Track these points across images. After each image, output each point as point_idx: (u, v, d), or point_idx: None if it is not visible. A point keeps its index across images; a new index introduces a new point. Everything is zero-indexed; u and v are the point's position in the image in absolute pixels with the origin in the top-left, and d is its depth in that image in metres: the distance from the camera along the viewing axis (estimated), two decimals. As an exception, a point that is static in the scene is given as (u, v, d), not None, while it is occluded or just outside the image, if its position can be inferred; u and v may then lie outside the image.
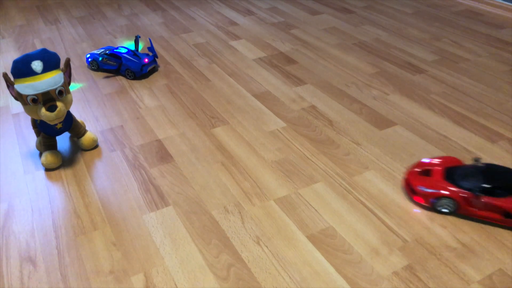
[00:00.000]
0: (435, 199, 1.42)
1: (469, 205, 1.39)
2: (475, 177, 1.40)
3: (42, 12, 3.31)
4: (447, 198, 1.40)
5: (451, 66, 2.40)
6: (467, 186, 1.39)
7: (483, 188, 1.37)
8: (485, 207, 1.38)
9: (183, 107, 2.06)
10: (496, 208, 1.36)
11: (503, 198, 1.35)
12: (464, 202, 1.39)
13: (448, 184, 1.42)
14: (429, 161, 1.55)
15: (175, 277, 1.25)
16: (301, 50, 2.61)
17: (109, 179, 1.62)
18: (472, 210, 1.39)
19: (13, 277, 1.26)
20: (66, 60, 1.60)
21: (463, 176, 1.42)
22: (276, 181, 1.60)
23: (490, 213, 1.38)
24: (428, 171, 1.51)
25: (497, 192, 1.36)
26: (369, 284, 1.22)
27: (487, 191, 1.37)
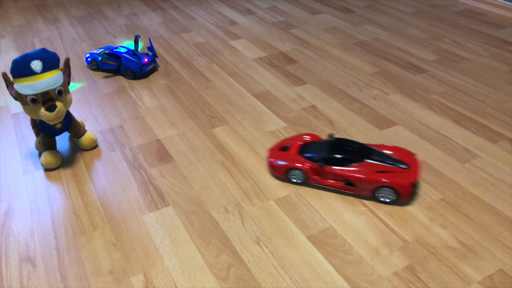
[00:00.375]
0: (288, 171, 1.54)
1: (316, 175, 1.52)
2: (322, 150, 1.53)
3: (41, 11, 3.31)
4: (297, 170, 1.52)
5: (451, 66, 2.40)
6: (313, 157, 1.52)
7: (325, 159, 1.50)
8: (329, 176, 1.50)
9: (183, 107, 2.06)
10: (339, 176, 1.49)
11: (344, 167, 1.48)
12: (311, 173, 1.52)
13: (298, 157, 1.55)
14: (293, 138, 1.68)
15: (175, 278, 1.24)
16: (301, 50, 2.61)
17: (108, 179, 1.62)
18: (319, 179, 1.52)
19: (13, 277, 1.25)
20: (65, 60, 1.60)
21: (313, 150, 1.55)
22: (276, 181, 1.59)
23: (334, 182, 1.51)
24: (287, 147, 1.62)
25: (339, 162, 1.49)
26: (369, 284, 1.22)
27: (330, 161, 1.49)
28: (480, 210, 1.46)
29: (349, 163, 1.48)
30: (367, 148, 1.53)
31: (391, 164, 1.47)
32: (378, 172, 1.45)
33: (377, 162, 1.48)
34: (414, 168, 1.48)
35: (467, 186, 1.56)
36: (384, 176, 1.43)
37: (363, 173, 1.45)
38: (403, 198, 1.45)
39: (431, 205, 1.48)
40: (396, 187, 1.42)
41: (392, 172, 1.45)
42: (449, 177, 1.60)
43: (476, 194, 1.53)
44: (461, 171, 1.63)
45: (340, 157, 1.48)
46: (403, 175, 1.44)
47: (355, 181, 1.46)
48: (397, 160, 1.50)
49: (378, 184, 1.44)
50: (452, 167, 1.65)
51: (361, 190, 1.48)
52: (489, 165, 1.66)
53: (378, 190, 1.45)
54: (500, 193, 1.53)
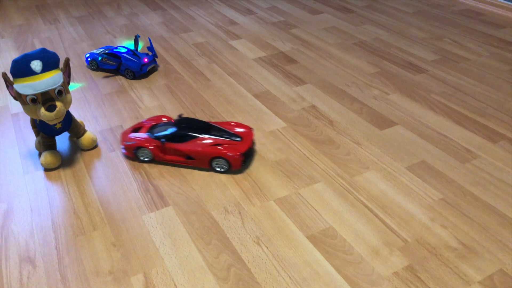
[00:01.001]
0: (135, 150, 1.66)
1: (161, 152, 1.65)
2: (166, 129, 1.65)
3: (41, 11, 3.31)
4: (143, 148, 1.65)
5: (451, 66, 2.40)
6: (157, 136, 1.64)
7: (167, 136, 1.63)
8: (172, 153, 1.64)
9: (183, 107, 2.06)
10: (179, 152, 1.63)
11: (183, 143, 1.62)
12: (156, 150, 1.64)
13: (145, 136, 1.66)
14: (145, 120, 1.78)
15: (175, 278, 1.24)
16: (301, 50, 2.61)
17: (108, 179, 1.62)
18: (163, 156, 1.65)
19: (13, 278, 1.25)
20: (65, 60, 1.59)
21: (159, 129, 1.67)
22: (276, 181, 1.59)
23: (176, 157, 1.64)
24: (139, 129, 1.73)
25: (179, 139, 1.62)
26: (369, 284, 1.22)
27: (173, 139, 1.63)
28: (480, 210, 1.46)
29: (188, 139, 1.62)
30: (206, 125, 1.67)
31: (226, 138, 1.63)
32: (213, 145, 1.61)
33: (214, 137, 1.63)
34: (246, 140, 1.65)
35: (467, 186, 1.56)
36: (217, 148, 1.60)
37: (200, 146, 1.61)
38: (235, 167, 1.61)
39: (431, 205, 1.48)
40: (227, 157, 1.58)
41: (226, 145, 1.61)
42: (449, 177, 1.60)
43: (476, 194, 1.53)
44: (461, 171, 1.63)
45: (179, 134, 1.63)
46: (235, 147, 1.61)
47: (193, 155, 1.61)
48: (233, 134, 1.66)
49: (212, 156, 1.60)
50: (452, 167, 1.65)
51: (199, 162, 1.63)
52: (489, 165, 1.66)
53: (213, 161, 1.61)
54: (500, 193, 1.53)
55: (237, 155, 1.58)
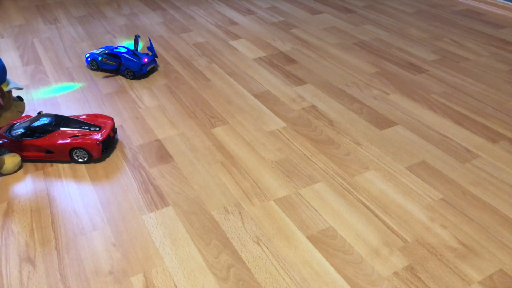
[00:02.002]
0: None
1: (20, 149, 1.66)
2: (24, 126, 1.68)
3: (41, 11, 3.31)
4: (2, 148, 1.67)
5: (451, 66, 2.40)
6: (14, 134, 1.67)
7: (22, 134, 1.65)
8: (32, 149, 1.66)
9: (183, 107, 2.06)
10: (38, 147, 1.65)
11: (41, 138, 1.64)
12: (15, 148, 1.66)
13: (4, 136, 1.68)
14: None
15: (175, 278, 1.24)
16: (301, 50, 2.61)
17: (108, 179, 1.62)
18: (24, 153, 1.67)
19: (13, 278, 1.25)
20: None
21: (17, 127, 1.69)
22: (276, 181, 1.59)
23: (37, 153, 1.66)
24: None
25: (36, 134, 1.65)
26: (369, 284, 1.22)
27: (30, 135, 1.65)
28: (480, 210, 1.46)
29: (47, 133, 1.65)
30: (64, 119, 1.70)
31: (86, 129, 1.67)
32: (71, 137, 1.64)
33: (72, 129, 1.66)
34: (105, 129, 1.69)
35: (467, 186, 1.56)
36: (75, 139, 1.63)
37: (58, 139, 1.64)
38: (95, 156, 1.65)
39: (431, 205, 1.48)
40: (85, 147, 1.62)
41: (84, 135, 1.65)
42: (449, 177, 1.60)
43: (476, 194, 1.53)
44: (461, 171, 1.63)
45: (35, 128, 1.65)
46: (92, 137, 1.65)
47: (52, 148, 1.64)
48: (92, 124, 1.70)
49: (71, 146, 1.63)
50: (452, 167, 1.65)
51: (59, 155, 1.65)
52: (489, 165, 1.66)
53: (73, 152, 1.64)
54: (500, 193, 1.53)
55: (96, 143, 1.63)
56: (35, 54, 2.61)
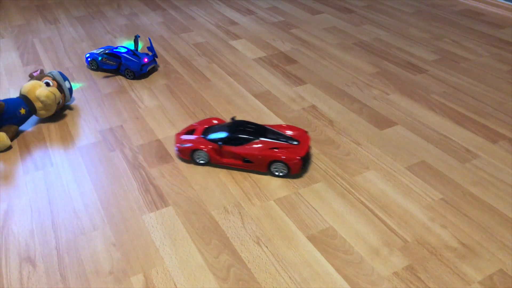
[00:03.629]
0: (191, 152, 1.63)
1: (217, 155, 1.62)
2: (221, 131, 1.63)
3: (41, 11, 3.31)
4: (200, 151, 1.62)
5: (451, 66, 2.40)
6: (214, 139, 1.62)
7: (224, 139, 1.60)
8: (229, 156, 1.61)
9: (183, 107, 2.06)
10: (237, 155, 1.59)
11: (240, 146, 1.59)
12: (213, 153, 1.62)
13: (201, 139, 1.64)
14: (200, 122, 1.77)
15: (175, 278, 1.24)
16: (301, 50, 2.61)
17: (108, 179, 1.62)
18: (220, 159, 1.62)
19: (13, 278, 1.25)
20: None
21: (214, 132, 1.65)
22: (276, 181, 1.59)
23: (234, 160, 1.61)
24: (193, 131, 1.71)
25: (237, 141, 1.60)
26: (369, 284, 1.22)
27: (229, 142, 1.60)
28: (480, 210, 1.46)
29: (245, 142, 1.60)
30: (262, 128, 1.65)
31: (283, 141, 1.60)
32: (271, 148, 1.58)
33: (271, 140, 1.60)
34: (304, 143, 1.62)
35: (467, 186, 1.56)
36: (276, 152, 1.56)
37: (258, 150, 1.58)
38: (294, 171, 1.57)
39: (431, 205, 1.48)
40: (286, 161, 1.55)
41: (284, 148, 1.58)
42: (449, 177, 1.60)
43: (476, 194, 1.53)
44: (461, 171, 1.63)
45: (237, 137, 1.60)
46: (293, 150, 1.57)
47: (251, 158, 1.58)
48: (289, 137, 1.63)
49: (271, 159, 1.56)
50: (452, 167, 1.65)
51: (257, 166, 1.60)
52: (489, 165, 1.66)
53: (272, 165, 1.58)
54: (500, 193, 1.53)
55: (297, 159, 1.54)
56: (35, 54, 2.61)
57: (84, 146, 1.80)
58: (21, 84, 2.29)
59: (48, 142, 1.83)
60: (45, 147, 1.80)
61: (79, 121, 1.97)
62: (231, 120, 1.69)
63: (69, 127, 1.93)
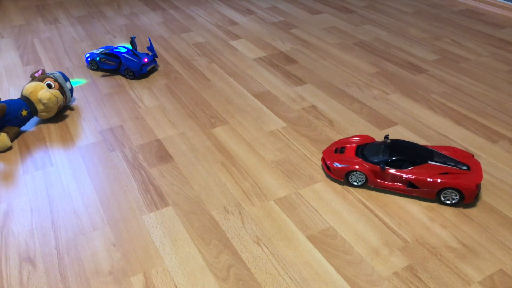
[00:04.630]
0: (347, 173, 1.54)
1: (377, 177, 1.52)
2: (381, 152, 1.53)
3: (41, 11, 3.31)
4: (358, 172, 1.52)
5: (451, 66, 2.40)
6: (375, 160, 1.52)
7: (387, 161, 1.50)
8: (391, 179, 1.50)
9: (183, 107, 2.06)
10: (400, 179, 1.48)
11: (406, 169, 1.48)
12: (372, 175, 1.51)
13: (358, 160, 1.54)
14: (344, 140, 1.68)
15: (175, 278, 1.24)
16: (301, 50, 2.61)
17: (108, 179, 1.62)
18: (380, 182, 1.52)
19: (13, 277, 1.25)
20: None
21: (371, 152, 1.55)
22: (276, 181, 1.59)
23: (396, 184, 1.50)
24: (343, 149, 1.61)
25: (400, 164, 1.49)
26: (369, 284, 1.22)
27: (392, 164, 1.50)
28: (480, 210, 1.46)
29: (411, 165, 1.48)
30: (428, 150, 1.52)
31: (452, 166, 1.47)
32: (441, 174, 1.44)
33: (439, 164, 1.47)
34: (476, 169, 1.47)
35: (467, 186, 1.56)
36: (449, 178, 1.43)
37: (427, 175, 1.45)
38: (468, 200, 1.44)
39: (431, 205, 1.48)
40: (462, 189, 1.41)
41: (455, 174, 1.44)
42: (449, 177, 1.60)
43: (476, 194, 1.53)
44: (461, 171, 1.63)
45: (403, 159, 1.48)
46: (467, 177, 1.43)
47: (419, 183, 1.46)
48: (457, 161, 1.49)
49: (443, 186, 1.43)
50: (452, 167, 1.65)
51: (425, 193, 1.47)
52: (489, 165, 1.66)
53: (442, 192, 1.45)
54: (500, 193, 1.53)
55: (474, 186, 1.41)
56: (35, 54, 2.61)
57: (84, 146, 1.80)
58: (21, 84, 2.29)
59: (48, 142, 1.83)
60: (45, 147, 1.80)
61: (79, 121, 1.97)
62: (385, 138, 1.57)
63: (69, 127, 1.93)
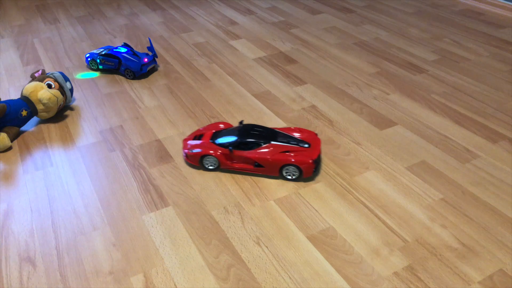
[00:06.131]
0: (201, 158, 1.61)
1: (227, 160, 1.60)
2: (232, 136, 1.61)
3: (41, 11, 3.31)
4: (210, 156, 1.60)
5: (451, 66, 2.40)
6: (224, 143, 1.60)
7: (234, 144, 1.58)
8: (240, 160, 1.59)
9: (183, 107, 2.06)
10: (248, 159, 1.58)
11: (251, 150, 1.58)
12: (223, 158, 1.60)
13: (210, 144, 1.62)
14: (207, 127, 1.75)
15: (175, 278, 1.24)
16: (301, 50, 2.61)
17: (108, 179, 1.62)
18: (231, 164, 1.61)
19: (13, 278, 1.25)
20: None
21: (223, 136, 1.63)
22: (276, 181, 1.59)
23: (244, 165, 1.60)
24: (201, 136, 1.69)
25: (247, 146, 1.58)
26: (369, 284, 1.22)
27: (239, 146, 1.58)
28: (480, 210, 1.46)
29: (256, 146, 1.58)
30: (272, 131, 1.63)
31: (294, 144, 1.59)
32: (282, 152, 1.56)
33: (282, 143, 1.58)
34: (315, 146, 1.60)
35: (467, 186, 1.56)
36: (288, 155, 1.55)
37: (269, 154, 1.56)
38: (307, 175, 1.56)
39: (431, 205, 1.48)
40: (299, 164, 1.54)
41: (295, 151, 1.56)
42: (449, 177, 1.60)
43: (476, 194, 1.53)
44: (461, 171, 1.63)
45: (248, 141, 1.58)
46: (305, 153, 1.56)
47: (262, 162, 1.57)
48: (300, 140, 1.61)
49: (283, 163, 1.55)
50: (452, 167, 1.65)
51: (269, 170, 1.58)
52: (489, 165, 1.66)
53: (283, 169, 1.56)
54: (500, 193, 1.53)
55: (309, 162, 1.53)
56: (35, 54, 2.61)
57: (84, 146, 1.80)
58: (21, 84, 2.29)
59: (48, 142, 1.83)
60: (45, 147, 1.80)
61: (79, 121, 1.97)
62: (240, 124, 1.67)
63: (69, 127, 1.93)
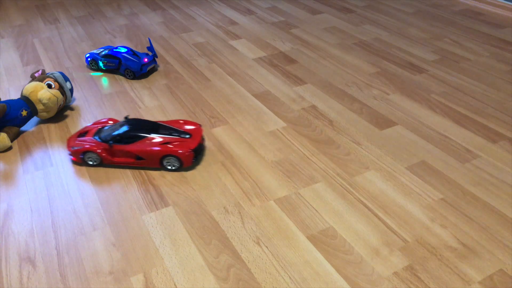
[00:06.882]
0: (82, 154, 1.63)
1: (109, 155, 1.62)
2: (113, 131, 1.62)
3: (41, 11, 3.31)
4: (90, 152, 1.62)
5: (451, 66, 2.40)
6: (104, 138, 1.62)
7: (114, 138, 1.60)
8: (121, 154, 1.61)
9: (183, 107, 2.06)
10: (128, 153, 1.60)
11: (131, 144, 1.60)
12: (105, 153, 1.61)
13: (92, 140, 1.63)
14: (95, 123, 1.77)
15: (175, 278, 1.24)
16: (301, 50, 2.61)
17: (108, 179, 1.62)
18: (112, 158, 1.63)
19: (13, 278, 1.25)
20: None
21: (106, 132, 1.64)
22: (276, 181, 1.59)
23: (126, 159, 1.62)
24: (86, 133, 1.70)
25: (127, 140, 1.60)
26: (369, 284, 1.22)
27: (120, 141, 1.60)
28: (480, 210, 1.46)
29: (137, 139, 1.60)
30: (154, 124, 1.65)
31: (176, 136, 1.62)
32: (163, 144, 1.59)
33: (163, 135, 1.61)
34: (195, 136, 1.64)
35: (467, 186, 1.56)
36: (167, 146, 1.58)
37: (149, 146, 1.59)
38: (186, 164, 1.61)
39: (431, 205, 1.48)
40: (177, 154, 1.58)
41: (175, 142, 1.60)
42: (449, 177, 1.60)
43: (476, 194, 1.53)
44: (461, 171, 1.63)
45: (128, 134, 1.60)
46: (184, 144, 1.60)
47: (143, 155, 1.59)
48: (182, 131, 1.65)
49: (162, 154, 1.58)
50: (452, 167, 1.65)
51: (149, 162, 1.61)
52: (489, 165, 1.66)
53: (164, 160, 1.60)
54: (500, 193, 1.53)
55: (188, 151, 1.58)
56: (35, 54, 2.61)
57: (84, 146, 1.80)
58: (21, 84, 2.29)
59: (48, 142, 1.83)
60: (45, 147, 1.80)
61: (79, 121, 1.97)
62: (124, 119, 1.69)
63: (69, 127, 1.93)
